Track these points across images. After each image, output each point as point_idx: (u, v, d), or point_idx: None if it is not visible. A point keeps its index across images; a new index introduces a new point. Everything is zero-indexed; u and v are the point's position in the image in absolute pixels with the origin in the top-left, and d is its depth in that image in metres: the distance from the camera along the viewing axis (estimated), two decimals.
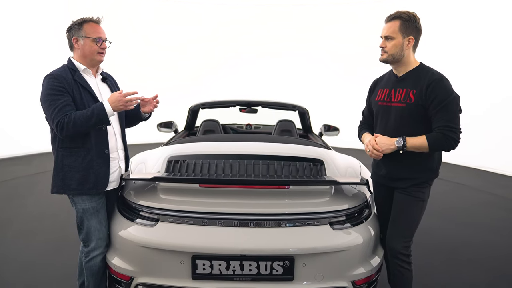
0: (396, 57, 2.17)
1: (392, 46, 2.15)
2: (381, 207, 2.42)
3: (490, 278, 3.11)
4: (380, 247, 2.32)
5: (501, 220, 4.54)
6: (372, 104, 2.42)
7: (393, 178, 2.27)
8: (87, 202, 2.20)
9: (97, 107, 2.07)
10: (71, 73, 2.15)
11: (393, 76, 2.29)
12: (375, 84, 2.49)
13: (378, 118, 2.35)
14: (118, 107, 2.10)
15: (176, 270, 2.01)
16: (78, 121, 2.02)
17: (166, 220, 2.05)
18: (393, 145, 2.12)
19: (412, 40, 2.15)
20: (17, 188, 5.50)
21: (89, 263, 2.26)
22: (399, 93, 2.20)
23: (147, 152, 2.80)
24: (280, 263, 1.99)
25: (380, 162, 2.33)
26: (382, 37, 2.20)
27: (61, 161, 2.17)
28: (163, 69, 9.42)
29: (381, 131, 2.30)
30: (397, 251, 2.24)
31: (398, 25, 2.13)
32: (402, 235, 2.24)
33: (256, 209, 2.06)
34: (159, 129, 4.29)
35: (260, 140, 2.83)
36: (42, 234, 3.85)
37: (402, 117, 2.18)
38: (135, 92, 2.18)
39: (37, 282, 2.94)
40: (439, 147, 2.08)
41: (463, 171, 7.05)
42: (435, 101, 2.05)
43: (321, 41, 9.29)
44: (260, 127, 4.82)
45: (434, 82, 2.07)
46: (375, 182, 2.45)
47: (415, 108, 2.12)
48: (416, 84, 2.13)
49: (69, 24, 2.19)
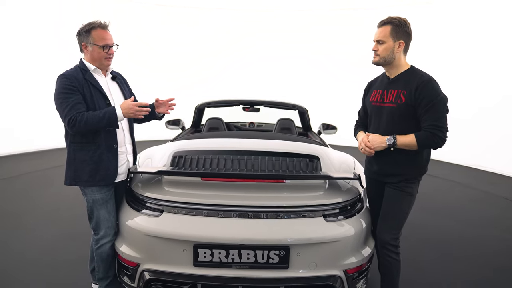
0: (387, 60, 2.19)
1: (383, 50, 2.17)
2: (373, 201, 2.42)
3: (482, 271, 3.08)
4: (371, 239, 2.32)
5: (491, 215, 4.50)
6: (367, 105, 2.44)
7: (384, 174, 2.27)
8: (97, 193, 2.22)
9: (109, 111, 2.09)
10: (82, 73, 2.17)
11: (385, 78, 2.31)
12: (369, 86, 2.50)
13: (372, 118, 2.36)
14: (129, 114, 2.12)
15: (179, 258, 2.03)
16: (90, 120, 2.04)
17: (170, 211, 2.06)
18: (384, 143, 2.14)
19: (403, 44, 2.16)
20: (35, 181, 5.57)
21: (99, 250, 2.28)
22: (390, 94, 2.21)
23: (154, 148, 2.82)
24: (276, 252, 1.99)
25: (372, 159, 2.34)
26: (374, 41, 2.22)
27: (73, 155, 2.19)
28: (172, 71, 9.47)
29: (374, 129, 2.32)
30: (386, 242, 2.25)
31: (389, 30, 2.15)
32: (391, 227, 2.24)
33: (254, 201, 2.07)
34: (167, 126, 4.31)
35: (259, 137, 2.83)
36: (58, 223, 3.90)
37: (393, 116, 2.19)
38: (146, 103, 2.21)
39: (53, 266, 2.99)
40: (427, 145, 2.09)
41: (454, 169, 7.00)
42: (424, 101, 2.06)
43: (321, 45, 9.27)
44: (262, 125, 4.82)
45: (423, 84, 2.07)
46: (368, 178, 2.45)
47: (405, 108, 2.13)
48: (406, 86, 2.14)
49: (78, 28, 2.20)
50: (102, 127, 2.10)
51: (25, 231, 3.68)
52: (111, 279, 2.39)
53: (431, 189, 5.24)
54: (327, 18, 9.20)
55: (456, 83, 6.91)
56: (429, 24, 7.73)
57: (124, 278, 2.25)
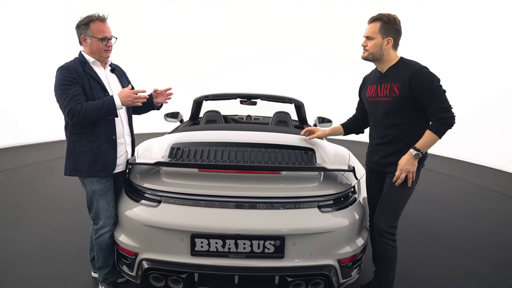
0: (375, 56, 2.21)
1: (372, 46, 2.19)
2: (372, 192, 2.45)
3: (475, 264, 3.11)
4: (365, 229, 2.35)
5: (484, 208, 4.55)
6: (363, 100, 2.47)
7: (385, 164, 2.29)
8: (96, 184, 2.23)
9: (107, 100, 2.09)
10: (82, 65, 2.17)
11: (378, 73, 2.33)
12: (364, 81, 2.52)
13: (370, 113, 2.40)
14: (127, 102, 2.13)
15: (176, 247, 2.05)
16: (89, 110, 2.04)
17: (168, 201, 2.08)
18: (412, 159, 2.12)
19: (391, 41, 2.18)
20: (38, 172, 5.59)
21: (98, 239, 2.30)
22: (384, 88, 2.23)
23: (152, 140, 2.83)
24: (272, 242, 2.02)
25: (373, 149, 2.37)
26: (364, 36, 2.24)
27: (73, 146, 2.20)
28: (171, 65, 9.43)
29: (372, 123, 2.36)
30: (383, 230, 2.28)
31: (378, 26, 2.17)
32: (389, 215, 2.27)
33: (250, 192, 2.09)
34: (166, 119, 4.30)
35: (256, 129, 2.84)
36: (59, 213, 3.92)
37: (388, 109, 2.21)
38: (144, 90, 2.21)
39: (54, 256, 3.01)
40: (444, 130, 2.09)
41: (445, 162, 7.04)
42: (422, 90, 2.07)
43: (318, 40, 9.26)
44: (259, 118, 4.83)
45: (416, 74, 2.09)
46: (368, 169, 2.48)
47: (400, 100, 2.16)
48: (399, 78, 2.16)
49: (77, 21, 2.20)
50: (101, 116, 2.10)
51: (26, 222, 3.70)
52: (110, 267, 2.42)
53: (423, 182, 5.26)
54: (324, 13, 9.17)
55: (451, 80, 6.91)
56: (425, 20, 7.72)
57: (123, 267, 2.27)
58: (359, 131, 2.66)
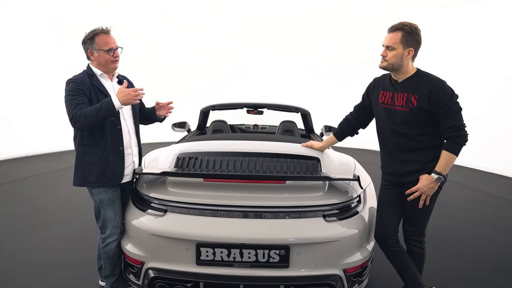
0: (395, 66, 2.13)
1: (393, 56, 2.10)
2: (387, 202, 2.32)
3: (479, 270, 3.03)
4: (371, 238, 2.28)
5: (488, 214, 4.43)
6: (373, 104, 2.36)
7: (402, 173, 2.21)
8: (104, 194, 2.22)
9: (105, 101, 2.07)
10: (89, 78, 2.18)
11: (393, 81, 2.24)
12: (374, 84, 2.40)
13: (381, 119, 2.30)
14: (128, 101, 2.09)
15: (182, 256, 2.01)
16: (89, 114, 2.01)
17: (174, 211, 2.05)
18: (434, 183, 2.09)
19: (412, 52, 2.10)
20: (50, 180, 5.57)
21: (105, 248, 2.28)
22: (401, 97, 2.15)
23: (160, 150, 2.81)
24: (277, 252, 1.97)
25: (387, 160, 2.30)
26: (383, 45, 2.15)
27: (81, 157, 2.19)
28: (177, 76, 9.43)
29: (383, 130, 2.29)
30: (409, 238, 2.33)
31: (400, 36, 2.08)
32: (416, 227, 2.28)
33: (255, 202, 2.05)
34: (174, 129, 4.30)
35: (261, 139, 2.81)
36: (68, 222, 3.90)
37: (404, 120, 2.14)
38: (141, 88, 2.17)
39: (62, 264, 2.99)
40: (460, 149, 2.06)
41: (453, 169, 6.90)
42: (440, 104, 2.02)
43: (323, 50, 9.23)
44: (266, 127, 4.80)
45: (436, 88, 2.04)
46: (386, 182, 2.36)
47: (418, 111, 2.09)
48: (417, 90, 2.09)
49: (82, 37, 2.21)
50: (101, 118, 2.04)
51: (34, 231, 3.66)
52: (117, 276, 2.38)
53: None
54: (331, 23, 9.15)
55: (454, 85, 6.84)
56: (424, 27, 7.64)
57: (129, 276, 2.25)
58: (353, 133, 2.59)
